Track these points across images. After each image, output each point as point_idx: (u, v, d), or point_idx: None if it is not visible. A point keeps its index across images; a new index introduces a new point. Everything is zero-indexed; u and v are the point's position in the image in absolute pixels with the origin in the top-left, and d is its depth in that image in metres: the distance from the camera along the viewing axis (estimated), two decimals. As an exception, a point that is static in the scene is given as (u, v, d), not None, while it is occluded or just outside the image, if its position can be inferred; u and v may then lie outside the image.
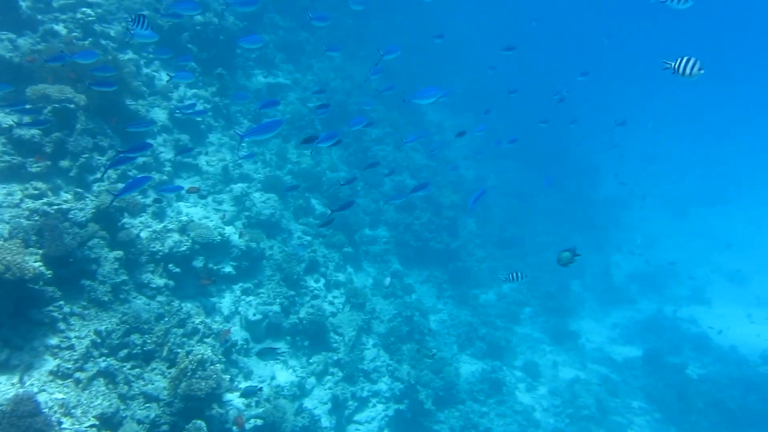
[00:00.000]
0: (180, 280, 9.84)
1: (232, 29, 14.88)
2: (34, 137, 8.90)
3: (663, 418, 15.74)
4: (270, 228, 12.48)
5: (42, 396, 6.64)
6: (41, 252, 7.54)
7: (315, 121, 16.76)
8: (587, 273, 23.67)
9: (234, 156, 13.15)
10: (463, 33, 34.08)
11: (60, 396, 6.84)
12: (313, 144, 8.19)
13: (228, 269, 11.01)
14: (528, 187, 26.45)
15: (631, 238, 29.22)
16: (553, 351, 18.00)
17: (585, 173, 31.66)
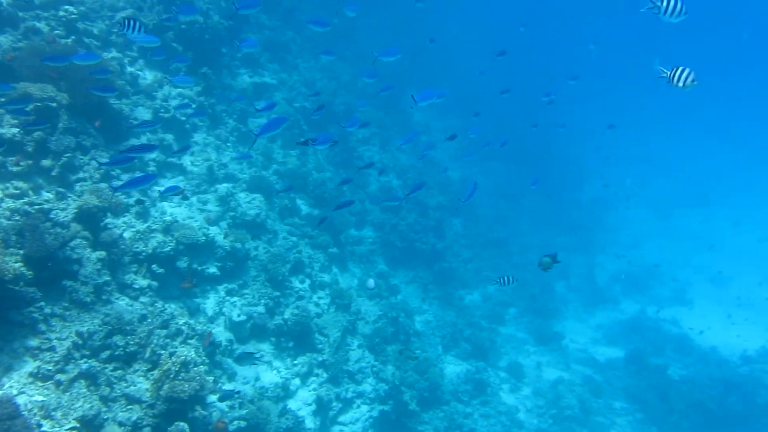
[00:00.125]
0: (163, 280, 9.77)
1: (217, 28, 14.78)
2: (15, 136, 8.80)
3: (645, 418, 15.94)
4: (255, 228, 12.43)
5: (21, 398, 6.57)
6: (22, 252, 7.44)
7: (301, 122, 16.71)
8: (572, 274, 23.83)
9: (219, 156, 13.11)
10: (451, 36, 34.17)
11: (40, 398, 6.77)
12: (312, 147, 8.23)
13: (212, 270, 10.93)
14: (514, 189, 26.56)
15: (616, 239, 29.50)
16: (537, 352, 18.14)
17: (571, 175, 31.90)
